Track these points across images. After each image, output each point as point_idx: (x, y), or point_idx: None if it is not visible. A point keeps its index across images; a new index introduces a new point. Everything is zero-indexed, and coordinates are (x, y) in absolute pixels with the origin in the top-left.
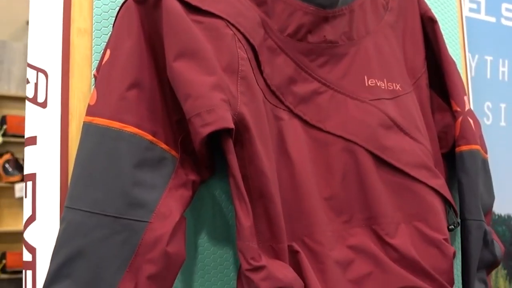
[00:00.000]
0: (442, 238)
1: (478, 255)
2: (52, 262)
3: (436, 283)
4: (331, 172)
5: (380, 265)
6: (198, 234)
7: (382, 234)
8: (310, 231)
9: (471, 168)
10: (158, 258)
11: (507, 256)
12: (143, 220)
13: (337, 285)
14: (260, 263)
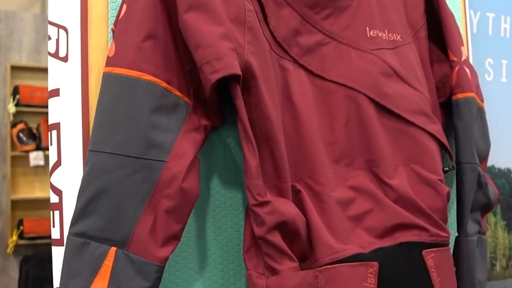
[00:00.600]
0: (437, 178)
1: (472, 196)
2: (78, 200)
3: (431, 220)
4: (334, 118)
5: (379, 203)
6: (210, 178)
7: (381, 176)
8: (312, 173)
9: (466, 114)
10: (175, 194)
11: (506, 208)
12: (160, 160)
13: (337, 222)
14: (265, 199)
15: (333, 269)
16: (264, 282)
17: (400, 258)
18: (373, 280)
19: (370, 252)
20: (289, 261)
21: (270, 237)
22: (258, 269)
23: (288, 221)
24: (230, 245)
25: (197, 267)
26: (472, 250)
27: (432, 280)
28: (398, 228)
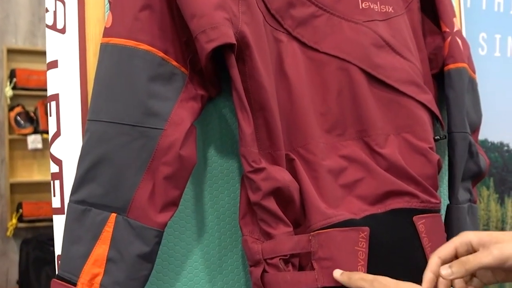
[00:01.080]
0: (427, 146)
1: (463, 164)
2: (79, 168)
3: (421, 187)
4: (326, 89)
5: (370, 172)
6: (207, 147)
7: (373, 145)
8: (304, 143)
9: (458, 84)
10: (173, 161)
11: (499, 181)
12: (158, 128)
13: (329, 190)
14: (260, 166)
15: (326, 234)
16: (259, 246)
17: (391, 224)
18: (364, 244)
19: (361, 218)
20: (284, 226)
21: (265, 202)
22: (254, 234)
23: (282, 187)
24: (227, 213)
25: (195, 235)
26: (463, 218)
27: (423, 245)
28: (389, 195)
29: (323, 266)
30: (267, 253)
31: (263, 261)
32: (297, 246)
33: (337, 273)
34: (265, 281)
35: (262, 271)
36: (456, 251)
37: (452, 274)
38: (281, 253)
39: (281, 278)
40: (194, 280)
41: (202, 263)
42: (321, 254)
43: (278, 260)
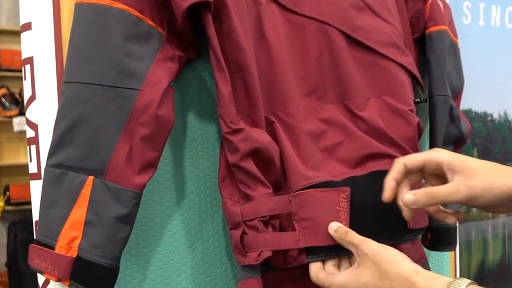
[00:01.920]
0: (407, 109)
1: (444, 128)
2: (55, 132)
3: (401, 149)
4: (306, 52)
5: (350, 135)
6: (186, 111)
7: (352, 108)
8: (284, 106)
9: (439, 46)
10: (150, 121)
11: (483, 152)
12: (134, 88)
13: (309, 153)
14: (238, 126)
15: (306, 194)
16: (238, 209)
17: (372, 185)
18: (345, 204)
19: (342, 181)
20: (263, 187)
21: (244, 163)
22: (233, 197)
23: (261, 149)
24: (207, 177)
25: (175, 199)
26: None
27: None
28: (370, 158)
29: (304, 227)
30: (246, 215)
31: (243, 223)
32: (277, 207)
33: (332, 228)
34: (244, 243)
35: (241, 233)
36: (424, 164)
37: (415, 204)
38: (260, 215)
39: (260, 239)
40: (174, 245)
41: (183, 228)
42: (302, 214)
43: (257, 222)
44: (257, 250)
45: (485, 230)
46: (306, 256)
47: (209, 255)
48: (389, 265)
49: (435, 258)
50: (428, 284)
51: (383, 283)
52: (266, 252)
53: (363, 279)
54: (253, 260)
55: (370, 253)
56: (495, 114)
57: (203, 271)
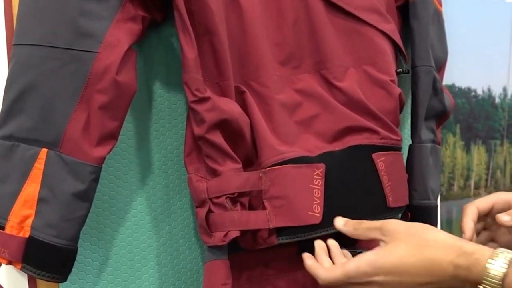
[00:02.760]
0: (388, 79)
1: (427, 101)
2: (4, 100)
3: (381, 122)
4: (282, 17)
5: (328, 107)
6: (152, 80)
7: (330, 78)
8: (257, 75)
9: (422, 14)
10: (108, 88)
11: (466, 128)
12: (91, 51)
13: (283, 126)
14: (205, 95)
15: (278, 170)
16: (204, 185)
17: (349, 161)
18: (320, 182)
19: (317, 156)
20: (231, 162)
21: (210, 136)
22: (199, 172)
23: (230, 120)
24: (175, 151)
25: (139, 175)
26: (425, 157)
27: (382, 184)
28: (348, 132)
29: (275, 205)
30: (212, 192)
31: (209, 200)
32: (246, 184)
33: (339, 223)
34: (210, 222)
35: (207, 211)
36: (493, 206)
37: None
38: (228, 192)
39: (227, 218)
40: (139, 224)
41: (147, 206)
42: (273, 192)
43: (225, 199)
44: (223, 230)
45: None
46: (276, 237)
47: (176, 235)
48: (426, 233)
49: None
50: (474, 247)
51: (422, 251)
52: (233, 232)
53: (397, 252)
54: (219, 240)
55: (400, 227)
56: (479, 89)
57: (170, 252)
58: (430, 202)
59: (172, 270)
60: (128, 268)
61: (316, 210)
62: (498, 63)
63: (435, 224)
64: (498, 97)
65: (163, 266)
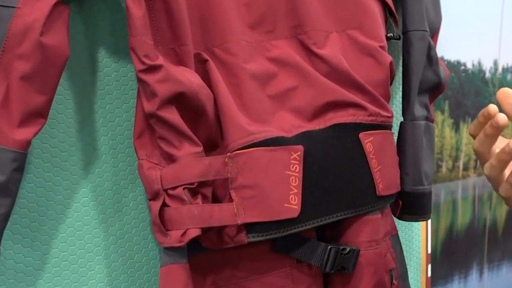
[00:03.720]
0: (378, 45)
1: (421, 71)
2: None
3: (369, 96)
4: None
5: (307, 78)
6: (95, 45)
7: (309, 44)
8: (222, 40)
9: None
10: (31, 52)
11: (455, 105)
12: (8, 5)
13: (254, 101)
14: (156, 62)
15: (247, 154)
16: (158, 173)
17: (332, 142)
18: (297, 167)
19: (294, 137)
20: (190, 144)
21: (164, 113)
22: (152, 158)
23: (188, 94)
24: (125, 133)
25: (82, 162)
26: (419, 136)
27: (371, 168)
28: (331, 107)
29: (244, 197)
30: (167, 181)
31: (163, 192)
32: (208, 171)
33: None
34: (165, 218)
35: (161, 205)
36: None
37: None
38: (186, 181)
39: (185, 214)
40: (83, 221)
41: (93, 198)
42: (242, 180)
43: (182, 190)
44: (181, 228)
45: (455, 192)
46: (246, 235)
47: (129, 232)
48: None
49: (405, 226)
50: None
51: None
52: (193, 231)
53: None
54: (175, 240)
55: None
56: (469, 63)
57: (122, 252)
58: (424, 188)
59: (125, 274)
60: (70, 273)
61: (293, 201)
62: (488, 34)
63: (428, 213)
64: (488, 71)
65: (114, 270)
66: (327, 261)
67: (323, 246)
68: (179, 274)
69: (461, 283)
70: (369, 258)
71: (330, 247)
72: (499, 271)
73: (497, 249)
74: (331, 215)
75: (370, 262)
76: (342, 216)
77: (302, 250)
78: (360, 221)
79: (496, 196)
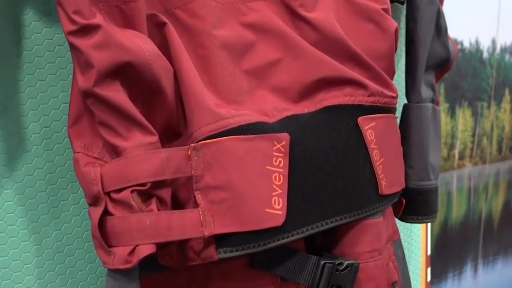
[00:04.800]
0: (380, 8)
1: (429, 43)
2: None
3: (370, 72)
4: None
5: (292, 49)
6: (20, 8)
7: (296, 6)
8: (185, 0)
9: None
10: None
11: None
12: None
13: (226, 77)
14: (91, 21)
15: (217, 145)
16: (97, 171)
17: (325, 130)
18: (282, 161)
19: (278, 122)
20: (142, 133)
21: (103, 90)
22: (92, 151)
23: (137, 65)
24: (63, 118)
25: (6, 156)
26: (426, 121)
27: (372, 161)
28: (322, 86)
29: (213, 201)
30: (110, 182)
31: (104, 195)
32: (165, 168)
33: None
34: (107, 230)
35: (102, 213)
36: None
37: None
38: (135, 181)
39: (134, 224)
40: (6, 231)
41: (20, 202)
42: (210, 179)
43: (130, 194)
44: (128, 244)
45: (450, 183)
46: (216, 250)
47: (69, 244)
48: None
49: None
50: None
51: None
52: (144, 247)
53: None
54: (120, 261)
55: None
56: (466, 41)
57: (60, 270)
58: (431, 183)
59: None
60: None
61: (276, 204)
62: (486, 11)
63: (435, 212)
64: (486, 50)
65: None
66: (319, 280)
67: (314, 261)
68: None
69: (455, 280)
70: (369, 272)
71: (324, 263)
72: (494, 266)
73: (492, 243)
74: (324, 221)
75: (371, 277)
76: (338, 222)
77: (288, 266)
78: (359, 227)
79: (492, 186)
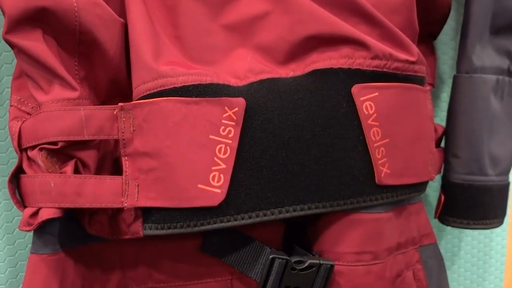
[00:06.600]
0: None
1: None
2: None
3: (378, 28)
4: None
5: (282, 0)
6: None
7: None
8: None
9: None
10: None
11: None
12: None
13: (198, 32)
14: None
15: (150, 106)
16: (18, 125)
17: (304, 98)
18: (232, 130)
19: (245, 86)
20: (62, 87)
21: (17, 38)
22: (26, 105)
23: (59, 11)
24: None
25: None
26: (480, 98)
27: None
28: (313, 45)
29: (141, 169)
30: (26, 138)
31: (21, 152)
32: (84, 127)
33: None
34: (21, 190)
35: (16, 170)
36: None
37: None
38: (44, 139)
39: (38, 185)
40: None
41: None
42: (139, 145)
43: (38, 152)
44: (32, 205)
45: None
46: (142, 224)
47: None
48: None
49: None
50: None
51: None
52: (46, 211)
53: None
54: (23, 223)
55: None
56: None
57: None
58: (487, 179)
59: (13, 279)
60: None
61: (215, 181)
62: None
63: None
64: None
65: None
66: (267, 277)
67: (266, 254)
68: (38, 269)
69: None
70: (355, 279)
71: (273, 257)
72: None
73: None
74: (283, 208)
75: (356, 285)
76: (305, 211)
77: (240, 256)
78: (344, 222)
79: None
